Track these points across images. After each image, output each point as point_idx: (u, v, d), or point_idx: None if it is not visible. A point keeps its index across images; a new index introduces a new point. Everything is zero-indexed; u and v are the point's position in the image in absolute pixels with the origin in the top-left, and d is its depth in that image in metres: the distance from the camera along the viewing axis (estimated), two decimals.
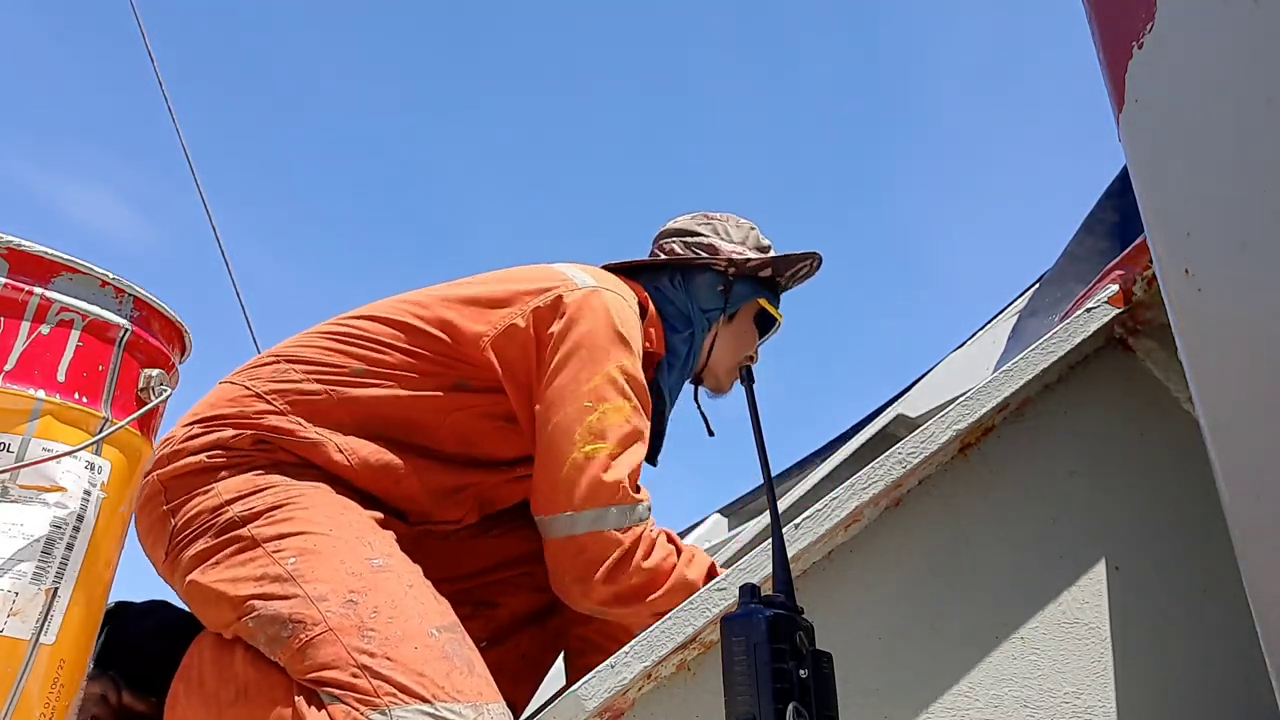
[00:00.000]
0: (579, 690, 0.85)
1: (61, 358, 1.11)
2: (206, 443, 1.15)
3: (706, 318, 1.48)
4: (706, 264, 1.49)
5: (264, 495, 1.10)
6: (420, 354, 1.24)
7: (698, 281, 1.49)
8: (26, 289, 1.10)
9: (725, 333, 1.50)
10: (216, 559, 1.07)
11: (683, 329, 1.47)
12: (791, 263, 1.54)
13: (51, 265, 1.13)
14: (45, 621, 1.04)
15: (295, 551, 1.05)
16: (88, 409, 1.13)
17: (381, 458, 1.20)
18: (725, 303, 1.49)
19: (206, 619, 1.09)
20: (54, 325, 1.11)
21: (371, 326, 1.27)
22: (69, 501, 1.08)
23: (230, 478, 1.12)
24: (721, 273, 1.50)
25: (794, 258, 1.54)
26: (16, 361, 1.07)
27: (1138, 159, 0.67)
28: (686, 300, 1.47)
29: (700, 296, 1.48)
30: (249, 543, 1.07)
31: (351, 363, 1.23)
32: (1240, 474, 0.57)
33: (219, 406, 1.19)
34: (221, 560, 1.07)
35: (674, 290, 1.48)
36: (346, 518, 1.11)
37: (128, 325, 1.18)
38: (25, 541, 1.03)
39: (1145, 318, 1.11)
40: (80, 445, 1.09)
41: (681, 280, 1.49)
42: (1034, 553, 1.02)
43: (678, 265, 1.50)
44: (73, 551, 1.08)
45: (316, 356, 1.24)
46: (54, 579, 1.06)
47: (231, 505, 1.09)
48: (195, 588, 1.07)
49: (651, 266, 1.52)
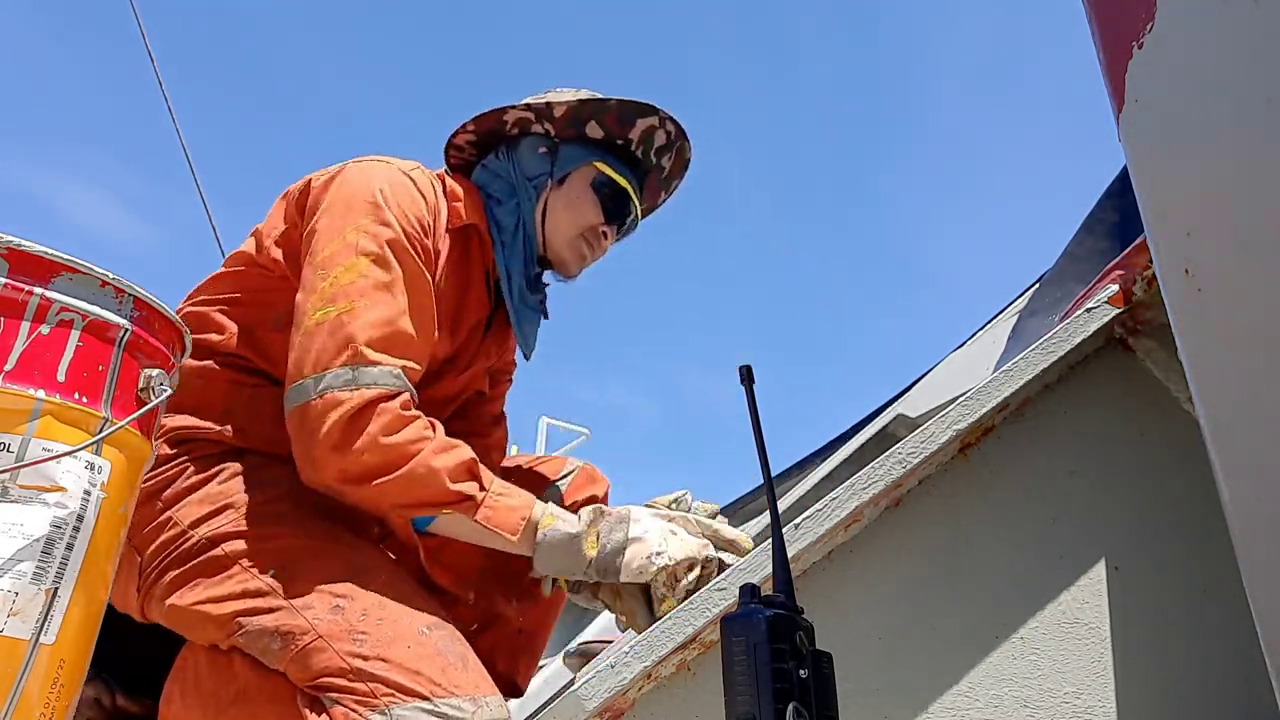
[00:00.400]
0: (579, 690, 0.85)
1: (61, 358, 1.11)
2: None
3: (532, 185, 1.35)
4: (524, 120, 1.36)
5: (227, 514, 1.09)
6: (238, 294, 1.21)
7: (521, 147, 1.37)
8: (26, 289, 1.10)
9: (556, 199, 1.36)
10: (194, 582, 1.06)
11: (507, 200, 1.35)
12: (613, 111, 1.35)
13: (51, 265, 1.13)
14: (45, 622, 1.04)
15: (272, 563, 1.04)
16: (88, 409, 1.13)
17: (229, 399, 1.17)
18: (551, 166, 1.36)
19: (194, 639, 1.08)
20: (54, 325, 1.11)
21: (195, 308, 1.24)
22: (69, 501, 1.08)
23: (179, 502, 1.10)
24: (544, 135, 1.37)
25: (616, 104, 1.34)
26: (16, 361, 1.07)
27: (1138, 159, 0.67)
28: (509, 169, 1.36)
29: (524, 162, 1.36)
30: (224, 561, 1.06)
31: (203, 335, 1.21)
32: (1240, 474, 0.58)
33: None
34: (199, 583, 1.06)
35: (498, 162, 1.37)
36: (318, 523, 1.10)
37: (128, 325, 1.18)
38: (25, 541, 1.03)
39: (1145, 318, 1.11)
40: (80, 445, 1.09)
41: (505, 151, 1.38)
42: (1034, 553, 1.02)
43: (499, 136, 1.39)
44: (73, 551, 1.08)
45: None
46: (54, 579, 1.06)
47: (195, 530, 1.08)
48: (176, 612, 1.06)
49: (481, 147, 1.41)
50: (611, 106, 1.35)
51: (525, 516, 1.07)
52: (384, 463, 1.02)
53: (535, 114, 1.36)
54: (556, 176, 1.36)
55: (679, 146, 1.43)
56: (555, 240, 1.37)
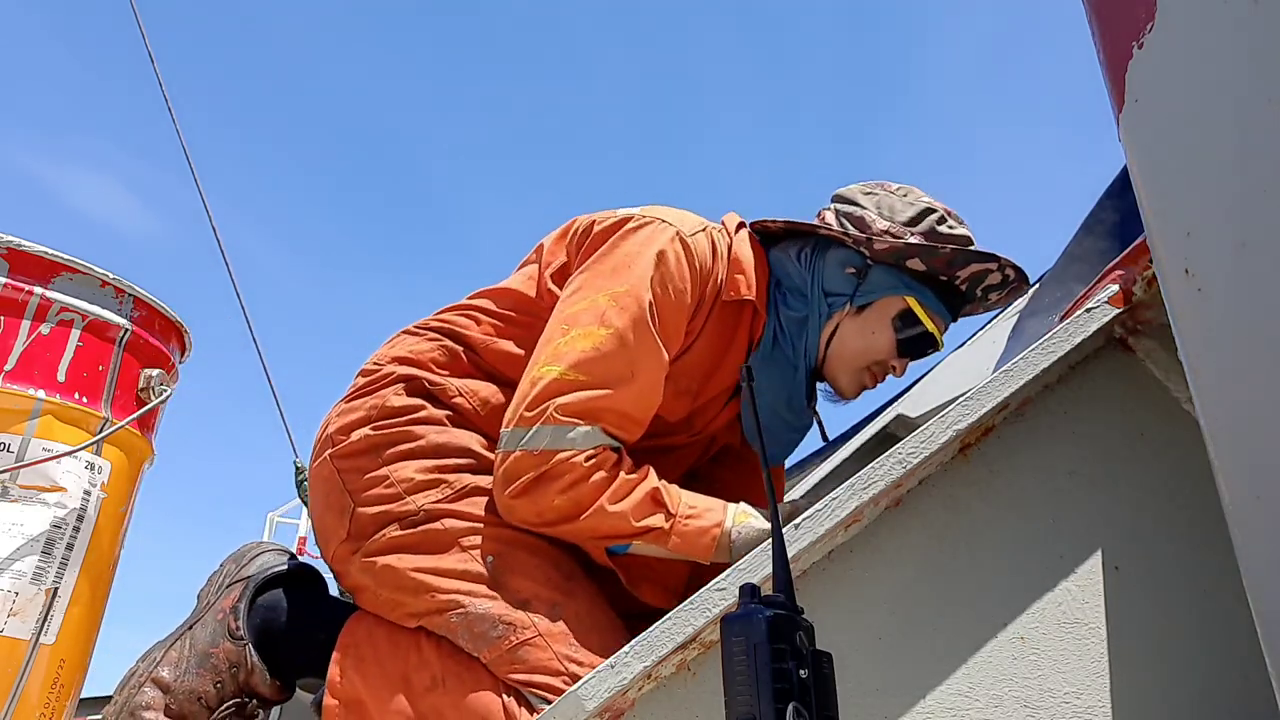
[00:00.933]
0: (579, 690, 0.85)
1: (61, 358, 1.11)
2: (360, 418, 1.19)
3: (828, 302, 1.24)
4: (839, 239, 1.25)
5: (442, 489, 1.13)
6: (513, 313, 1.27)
7: (828, 258, 1.26)
8: (26, 289, 1.10)
9: (850, 325, 1.25)
10: (415, 548, 1.10)
11: (796, 307, 1.25)
12: (944, 256, 1.21)
13: (52, 265, 1.13)
14: (45, 621, 1.04)
15: (490, 550, 1.09)
16: (88, 409, 1.13)
17: (499, 397, 1.22)
18: (854, 290, 1.24)
19: (389, 604, 1.11)
20: (54, 325, 1.11)
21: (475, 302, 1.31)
22: (69, 501, 1.08)
23: (397, 462, 1.15)
24: (857, 252, 1.25)
25: (952, 252, 1.20)
26: (16, 361, 1.07)
27: (1138, 159, 0.67)
28: (808, 277, 1.25)
29: (827, 275, 1.25)
30: (444, 537, 1.10)
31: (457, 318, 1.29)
32: (1240, 474, 0.57)
33: (359, 381, 1.25)
34: (418, 550, 1.10)
35: (799, 262, 1.26)
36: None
37: (128, 325, 1.18)
38: (25, 541, 1.03)
39: (1145, 318, 1.11)
40: (80, 445, 1.10)
41: (811, 253, 1.27)
42: (1034, 553, 1.02)
43: (810, 234, 1.28)
44: (73, 551, 1.08)
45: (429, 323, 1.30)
46: (54, 579, 1.06)
47: (412, 496, 1.12)
48: (392, 573, 1.09)
49: (792, 233, 1.30)
50: (945, 254, 1.21)
51: (714, 535, 1.08)
52: (567, 516, 1.08)
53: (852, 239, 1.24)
54: (858, 303, 1.25)
55: (1014, 288, 1.29)
56: (836, 366, 1.28)
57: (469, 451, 1.18)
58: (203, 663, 1.15)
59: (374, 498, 1.14)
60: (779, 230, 1.32)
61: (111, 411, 1.15)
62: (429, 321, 1.31)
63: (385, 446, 1.16)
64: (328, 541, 1.18)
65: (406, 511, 1.12)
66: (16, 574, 1.04)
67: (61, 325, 1.13)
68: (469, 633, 1.04)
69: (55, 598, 1.07)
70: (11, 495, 1.05)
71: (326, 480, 1.18)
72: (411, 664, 1.07)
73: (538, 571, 1.08)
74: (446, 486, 1.13)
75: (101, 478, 1.13)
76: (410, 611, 1.09)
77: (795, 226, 1.29)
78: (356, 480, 1.16)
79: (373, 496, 1.14)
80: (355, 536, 1.14)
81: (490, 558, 1.08)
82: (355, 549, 1.13)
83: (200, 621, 1.21)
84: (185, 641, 1.18)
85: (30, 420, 1.08)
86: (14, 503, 1.05)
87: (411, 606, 1.09)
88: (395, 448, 1.16)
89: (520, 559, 1.09)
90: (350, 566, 1.14)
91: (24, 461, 1.06)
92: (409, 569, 1.08)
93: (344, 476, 1.17)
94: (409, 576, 1.08)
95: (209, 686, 1.14)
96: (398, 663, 1.07)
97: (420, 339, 1.28)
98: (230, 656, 1.17)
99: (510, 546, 1.10)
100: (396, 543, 1.11)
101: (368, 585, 1.13)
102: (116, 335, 1.18)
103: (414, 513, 1.11)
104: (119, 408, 1.17)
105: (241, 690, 1.19)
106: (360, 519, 1.14)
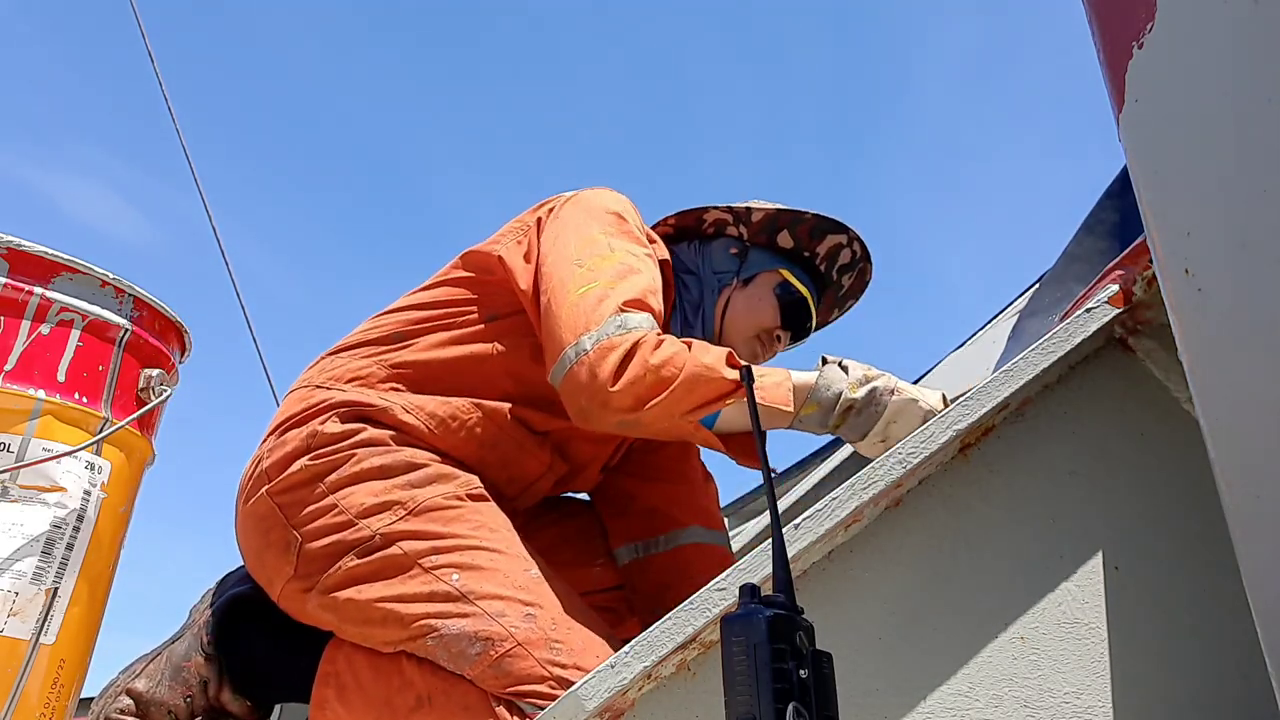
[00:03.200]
0: (579, 690, 0.85)
1: (61, 358, 1.11)
2: (296, 449, 1.15)
3: (717, 279, 1.45)
4: (721, 219, 1.49)
5: (396, 510, 1.10)
6: (453, 299, 1.28)
7: (714, 245, 1.49)
8: (26, 289, 1.10)
9: (738, 298, 1.45)
10: (375, 578, 1.06)
11: (693, 287, 1.46)
12: (808, 223, 1.47)
13: (51, 265, 1.13)
14: (45, 621, 1.04)
15: (455, 567, 1.06)
16: (88, 409, 1.13)
17: (448, 408, 1.21)
18: (739, 267, 1.46)
19: (362, 635, 1.07)
20: (54, 325, 1.11)
21: (405, 299, 1.32)
22: (69, 501, 1.08)
23: (345, 488, 1.11)
24: (737, 237, 1.50)
25: (813, 217, 1.47)
26: (16, 361, 1.07)
27: (1138, 159, 0.67)
28: (699, 263, 1.47)
29: (714, 258, 1.48)
30: (403, 561, 1.06)
31: (389, 330, 1.27)
32: (1240, 474, 0.57)
33: (287, 411, 1.21)
34: (378, 579, 1.06)
35: (689, 253, 1.49)
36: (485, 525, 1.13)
37: (128, 325, 1.18)
38: (25, 541, 1.03)
39: (1145, 318, 1.11)
40: (80, 445, 1.10)
41: (699, 246, 1.50)
42: (1034, 553, 1.02)
43: (696, 226, 1.52)
44: (73, 551, 1.08)
45: (356, 340, 1.29)
46: (54, 579, 1.06)
47: (364, 522, 1.09)
48: (354, 606, 1.06)
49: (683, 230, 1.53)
50: (807, 219, 1.46)
51: (785, 383, 1.16)
52: (663, 379, 1.09)
53: (734, 216, 1.48)
54: (743, 277, 1.46)
55: (861, 268, 1.53)
56: (731, 336, 1.44)
57: (416, 466, 1.14)
58: (175, 676, 1.15)
59: (322, 529, 1.09)
60: (672, 229, 1.53)
61: (111, 412, 1.15)
62: (351, 340, 1.29)
63: (328, 473, 1.12)
64: (271, 581, 1.13)
65: (361, 538, 1.07)
66: (16, 574, 1.04)
67: (61, 325, 1.13)
68: (448, 653, 1.01)
69: (55, 598, 1.07)
70: (11, 495, 1.05)
71: (265, 517, 1.13)
72: (394, 687, 1.04)
73: (505, 580, 1.05)
74: (400, 507, 1.10)
75: (101, 478, 1.13)
76: (384, 640, 1.06)
77: (684, 220, 1.51)
78: (298, 513, 1.11)
79: (320, 528, 1.09)
80: (306, 574, 1.09)
81: (456, 575, 1.05)
82: (309, 586, 1.09)
83: (182, 636, 1.21)
84: (164, 654, 1.19)
85: (30, 420, 1.08)
86: (14, 503, 1.05)
87: (383, 637, 1.05)
88: (338, 473, 1.12)
89: (485, 569, 1.06)
90: (306, 605, 1.10)
91: (24, 461, 1.06)
92: (373, 600, 1.05)
93: (285, 511, 1.12)
94: (375, 608, 1.04)
95: (179, 700, 1.14)
96: (380, 687, 1.05)
97: (351, 358, 1.25)
98: (201, 671, 1.17)
99: (473, 558, 1.07)
100: (354, 573, 1.07)
101: (332, 622, 1.09)
102: (116, 335, 1.18)
103: (369, 538, 1.07)
104: (119, 408, 1.17)
105: (211, 706, 1.18)
106: (309, 554, 1.09)
